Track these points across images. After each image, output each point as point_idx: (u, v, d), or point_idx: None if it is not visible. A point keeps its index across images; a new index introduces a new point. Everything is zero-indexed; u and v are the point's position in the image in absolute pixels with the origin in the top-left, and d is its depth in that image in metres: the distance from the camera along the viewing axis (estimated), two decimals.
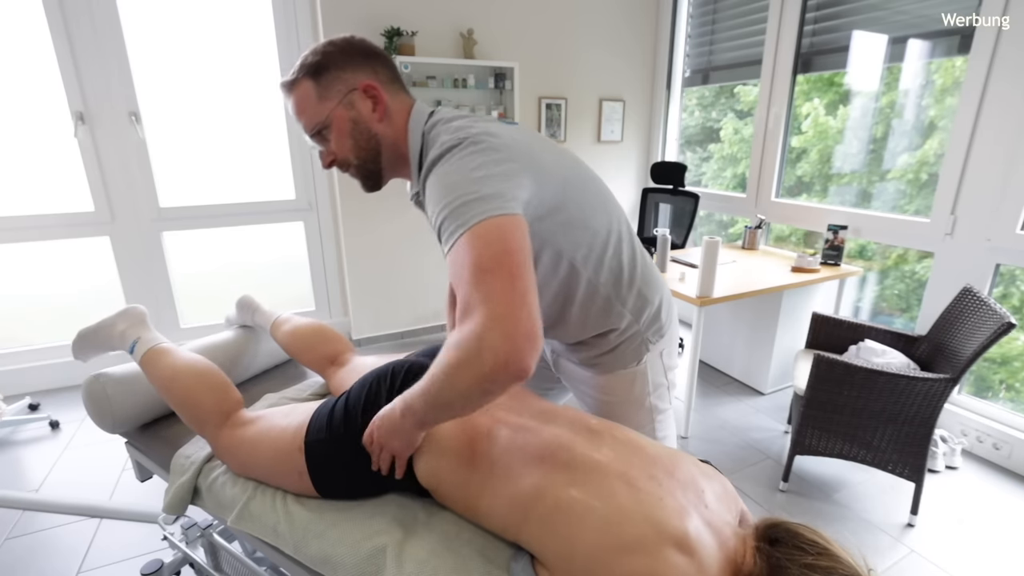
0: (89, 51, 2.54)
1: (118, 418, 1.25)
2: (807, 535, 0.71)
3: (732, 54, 3.29)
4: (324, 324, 1.46)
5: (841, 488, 2.06)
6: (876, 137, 2.67)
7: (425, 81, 3.02)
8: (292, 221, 3.22)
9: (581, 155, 3.67)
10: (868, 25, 2.53)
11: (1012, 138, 2.03)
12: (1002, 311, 1.64)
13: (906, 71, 2.48)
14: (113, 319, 1.32)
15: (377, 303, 3.36)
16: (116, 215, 2.78)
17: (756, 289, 2.31)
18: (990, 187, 2.12)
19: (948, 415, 2.34)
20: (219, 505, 1.06)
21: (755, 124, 3.14)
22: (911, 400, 1.73)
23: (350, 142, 0.94)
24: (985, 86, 2.09)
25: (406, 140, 0.95)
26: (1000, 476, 2.14)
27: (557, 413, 0.94)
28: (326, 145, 0.95)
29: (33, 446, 2.36)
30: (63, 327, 2.87)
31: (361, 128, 0.93)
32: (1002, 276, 2.21)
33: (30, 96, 2.53)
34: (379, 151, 0.96)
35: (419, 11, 2.97)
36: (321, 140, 0.95)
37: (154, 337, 1.27)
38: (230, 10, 2.79)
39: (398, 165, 1.00)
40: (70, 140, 2.61)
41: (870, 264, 2.82)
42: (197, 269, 3.11)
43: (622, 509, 0.74)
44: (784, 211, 3.07)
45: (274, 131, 3.04)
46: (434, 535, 0.88)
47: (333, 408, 1.00)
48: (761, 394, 2.79)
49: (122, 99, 2.65)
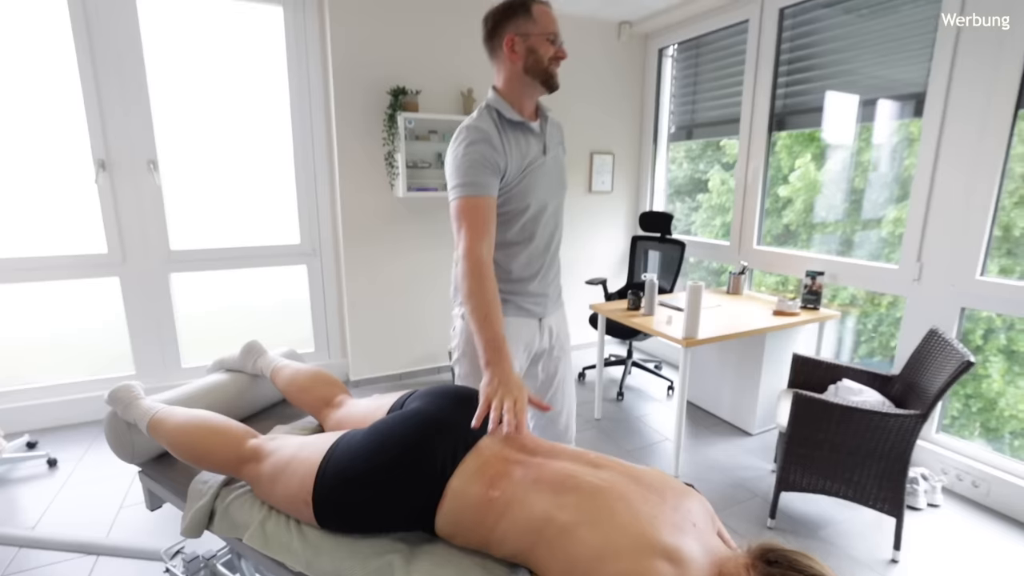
0: (115, 103, 2.73)
1: (138, 448, 1.33)
2: (804, 560, 0.78)
3: (713, 112, 3.55)
4: (321, 369, 1.54)
5: (827, 525, 2.11)
6: (855, 189, 2.87)
7: (427, 135, 3.23)
8: (296, 264, 3.34)
9: (573, 204, 3.89)
10: (840, 87, 2.77)
11: (964, 193, 2.22)
12: (963, 350, 1.76)
13: (877, 130, 2.70)
14: (110, 400, 1.37)
15: (375, 345, 3.45)
16: (127, 257, 2.90)
17: (739, 331, 2.43)
18: (950, 237, 2.29)
19: (928, 453, 2.43)
20: (233, 526, 1.12)
21: (735, 177, 3.35)
22: (885, 436, 1.82)
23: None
24: (938, 146, 2.30)
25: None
26: (980, 513, 2.20)
27: (561, 451, 1.04)
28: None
29: (30, 484, 2.38)
30: (65, 366, 2.93)
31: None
32: (996, 319, 2.36)
33: (56, 144, 2.69)
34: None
35: (423, 72, 3.22)
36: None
37: (148, 409, 1.32)
38: (249, 65, 3.01)
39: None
40: (90, 185, 2.75)
41: (861, 307, 2.96)
42: (201, 310, 3.20)
43: (621, 525, 0.84)
44: (765, 258, 3.24)
45: (283, 179, 3.22)
46: (438, 550, 0.96)
47: (345, 465, 1.01)
48: (749, 435, 2.86)
49: (142, 148, 2.82)
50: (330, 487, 0.99)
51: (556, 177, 1.48)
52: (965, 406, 2.52)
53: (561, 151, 1.54)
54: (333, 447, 1.05)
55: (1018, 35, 2.02)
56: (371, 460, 0.99)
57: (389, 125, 3.10)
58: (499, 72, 1.39)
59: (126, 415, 1.34)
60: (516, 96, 1.38)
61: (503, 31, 1.33)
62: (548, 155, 1.44)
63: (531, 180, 1.38)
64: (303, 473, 1.03)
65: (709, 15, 3.39)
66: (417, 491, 0.96)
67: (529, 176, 1.38)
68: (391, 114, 3.07)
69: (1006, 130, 2.09)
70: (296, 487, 1.03)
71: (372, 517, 0.98)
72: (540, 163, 1.41)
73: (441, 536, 0.97)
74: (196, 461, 1.21)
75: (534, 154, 1.40)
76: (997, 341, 2.40)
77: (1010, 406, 2.36)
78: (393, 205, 3.31)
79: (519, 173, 1.36)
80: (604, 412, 3.14)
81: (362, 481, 0.98)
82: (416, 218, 3.39)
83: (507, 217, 1.39)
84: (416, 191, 3.16)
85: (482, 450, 1.01)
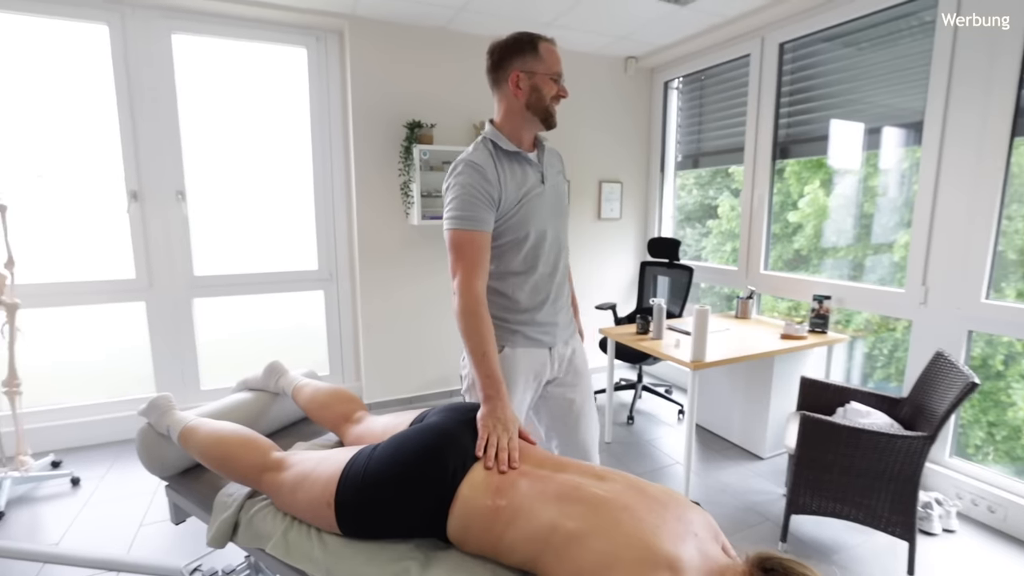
0: (149, 137, 2.90)
1: (168, 462, 1.40)
2: (799, 569, 0.82)
3: (718, 142, 3.65)
4: (341, 387, 1.62)
5: (840, 549, 2.10)
6: (864, 214, 2.92)
7: (441, 166, 3.36)
8: (313, 290, 3.45)
9: (583, 231, 3.98)
10: (844, 116, 2.83)
11: (966, 218, 2.27)
12: (968, 372, 1.79)
13: (883, 156, 2.75)
14: (146, 410, 1.48)
15: (389, 368, 3.52)
16: (154, 282, 3.02)
17: (746, 355, 2.46)
18: (954, 260, 2.33)
19: (942, 478, 2.41)
20: (257, 536, 1.18)
21: (741, 204, 3.42)
22: (894, 457, 1.83)
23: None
24: (938, 172, 2.36)
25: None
26: (996, 539, 2.18)
27: (568, 464, 1.09)
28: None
29: (54, 502, 2.45)
30: (91, 387, 3.03)
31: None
32: (1017, 344, 2.35)
33: (92, 175, 2.86)
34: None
35: (437, 107, 3.37)
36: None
37: (181, 419, 1.42)
38: (273, 100, 3.19)
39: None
40: (122, 215, 2.90)
41: (876, 332, 2.96)
42: (220, 334, 3.30)
43: (625, 534, 0.88)
44: (772, 283, 3.28)
45: (303, 208, 3.35)
46: (452, 557, 1.01)
47: (365, 469, 1.08)
48: (760, 459, 2.86)
49: (172, 179, 2.98)
50: (353, 490, 1.06)
51: (555, 205, 1.50)
52: (989, 434, 2.48)
53: (561, 179, 1.57)
54: (356, 455, 1.12)
55: (1009, 54, 2.10)
56: (388, 465, 1.06)
57: (405, 156, 3.24)
58: (499, 103, 1.43)
59: (160, 423, 1.42)
60: (514, 129, 1.41)
61: (509, 66, 1.36)
62: (547, 184, 1.46)
63: (529, 209, 1.40)
64: (327, 478, 1.10)
65: (712, 50, 3.52)
66: (428, 495, 1.02)
67: (527, 205, 1.40)
68: (407, 146, 3.21)
69: (1003, 156, 2.14)
70: (320, 490, 1.09)
71: (388, 518, 1.04)
72: (538, 192, 1.43)
73: (453, 542, 1.02)
74: (222, 468, 1.27)
75: (531, 183, 1.42)
76: (1019, 367, 2.38)
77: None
78: (408, 233, 3.43)
79: (516, 203, 1.38)
80: (615, 436, 3.15)
81: (380, 484, 1.04)
82: (430, 244, 3.49)
83: (508, 247, 1.42)
84: (430, 219, 3.27)
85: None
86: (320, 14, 2.99)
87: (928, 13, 2.39)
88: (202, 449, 1.31)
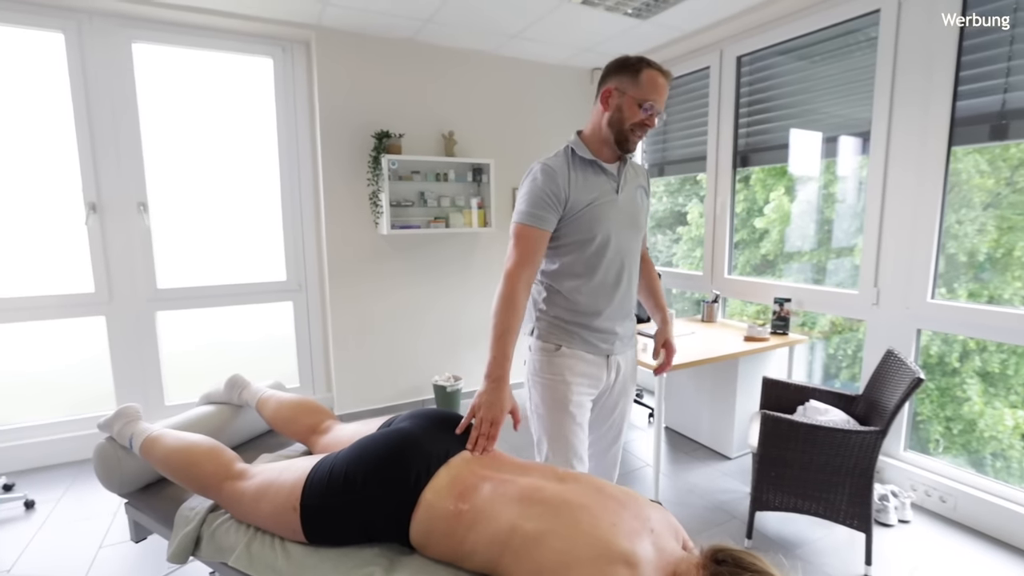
0: (109, 148, 2.83)
1: (127, 477, 1.37)
2: (748, 559, 0.86)
3: (682, 151, 3.75)
4: (306, 398, 1.61)
5: (803, 544, 2.17)
6: (825, 220, 3.04)
7: (410, 175, 3.36)
8: (282, 301, 3.40)
9: None
10: (802, 125, 2.94)
11: (911, 221, 2.39)
12: (915, 368, 1.88)
13: (841, 164, 2.87)
14: (111, 420, 1.46)
15: (360, 379, 3.49)
16: (114, 296, 2.94)
17: (710, 357, 2.53)
18: (902, 262, 2.45)
19: (897, 471, 2.51)
20: (219, 550, 1.16)
21: (705, 211, 3.53)
22: (849, 452, 1.91)
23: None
24: (884, 179, 2.49)
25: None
26: (947, 527, 2.28)
27: (531, 468, 1.11)
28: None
29: (6, 526, 2.34)
30: (47, 405, 2.92)
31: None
32: (971, 342, 2.49)
33: (47, 187, 2.77)
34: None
35: (406, 116, 3.39)
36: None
37: (146, 428, 1.41)
38: (239, 110, 3.16)
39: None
40: (79, 227, 2.82)
41: (840, 332, 3.08)
42: (185, 347, 3.22)
43: (584, 533, 0.91)
44: (736, 287, 3.38)
45: (270, 218, 3.32)
46: (415, 563, 1.02)
47: (329, 472, 1.09)
48: (728, 458, 2.93)
49: (133, 190, 2.91)
50: (317, 493, 1.06)
51: (627, 216, 1.52)
52: (947, 429, 2.59)
53: (641, 193, 1.58)
54: (320, 461, 1.12)
55: (943, 71, 2.23)
56: (352, 469, 1.07)
57: (374, 166, 3.24)
58: (592, 115, 1.50)
59: (124, 432, 1.40)
60: (595, 142, 1.48)
61: (608, 80, 1.44)
62: (621, 194, 1.50)
63: (596, 213, 1.44)
64: (292, 483, 1.11)
65: (673, 62, 3.63)
66: (389, 499, 1.03)
67: (596, 209, 1.44)
68: (375, 156, 3.22)
69: (942, 165, 2.27)
70: (284, 496, 1.09)
71: (352, 521, 1.04)
72: (610, 200, 1.47)
73: (415, 546, 1.03)
74: (184, 476, 1.26)
75: (604, 190, 1.47)
76: (972, 363, 2.49)
77: (989, 427, 2.45)
78: (377, 242, 3.42)
79: (584, 205, 1.43)
80: None
81: (343, 487, 1.05)
82: (400, 255, 3.49)
83: (572, 248, 1.46)
84: (400, 228, 3.27)
85: (454, 466, 1.08)
86: (285, 24, 2.98)
87: (873, 29, 2.52)
88: (164, 457, 1.29)
